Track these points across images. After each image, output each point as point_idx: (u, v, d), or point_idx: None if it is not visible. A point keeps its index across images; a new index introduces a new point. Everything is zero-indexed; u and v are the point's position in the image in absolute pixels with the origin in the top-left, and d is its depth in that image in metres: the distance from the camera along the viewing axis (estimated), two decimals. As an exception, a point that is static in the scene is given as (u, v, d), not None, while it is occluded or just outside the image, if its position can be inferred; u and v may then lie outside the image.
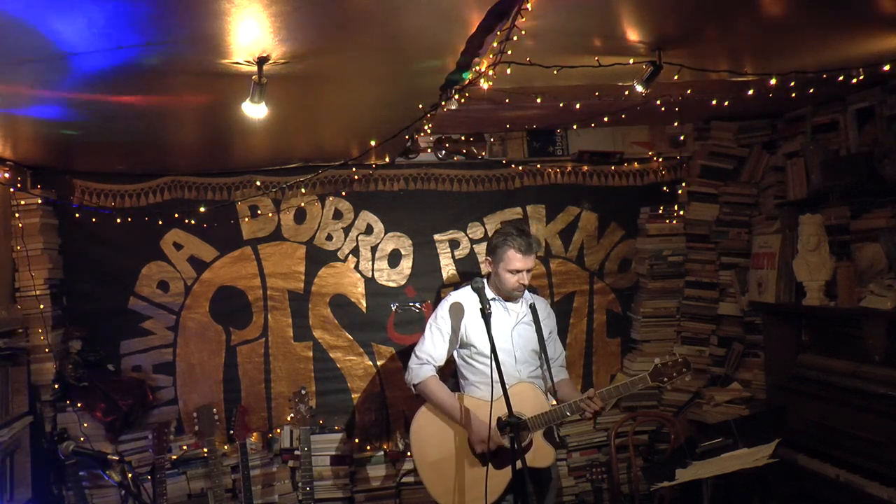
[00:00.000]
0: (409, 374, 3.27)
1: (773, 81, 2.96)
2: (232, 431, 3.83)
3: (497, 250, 3.17)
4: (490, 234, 4.27)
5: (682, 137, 4.29)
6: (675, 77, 2.83)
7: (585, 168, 4.34)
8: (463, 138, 4.21)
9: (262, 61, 2.20)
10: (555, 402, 3.14)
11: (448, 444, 3.14)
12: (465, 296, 3.24)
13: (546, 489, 3.22)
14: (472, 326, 3.19)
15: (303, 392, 3.82)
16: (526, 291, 3.28)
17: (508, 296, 3.23)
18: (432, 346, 3.25)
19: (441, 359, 3.27)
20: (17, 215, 3.62)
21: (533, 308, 3.27)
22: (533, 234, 3.22)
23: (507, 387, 2.83)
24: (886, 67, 2.88)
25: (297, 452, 3.88)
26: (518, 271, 3.13)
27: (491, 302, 3.18)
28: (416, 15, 2.04)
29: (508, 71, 2.49)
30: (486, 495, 2.94)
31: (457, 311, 3.23)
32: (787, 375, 3.79)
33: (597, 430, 4.24)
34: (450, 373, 3.37)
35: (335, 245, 4.18)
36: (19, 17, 1.78)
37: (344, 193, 4.17)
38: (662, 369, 3.07)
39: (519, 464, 2.62)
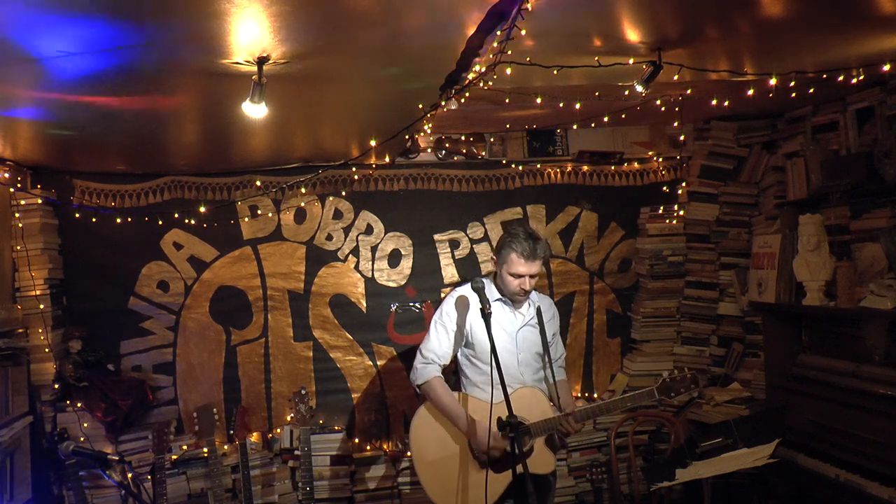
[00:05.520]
0: (414, 373, 3.22)
1: (773, 81, 2.96)
2: (232, 431, 3.83)
3: (501, 251, 3.09)
4: (490, 234, 4.27)
5: (682, 137, 4.29)
6: (675, 77, 2.84)
7: (585, 168, 4.35)
8: (463, 138, 4.21)
9: (262, 61, 2.21)
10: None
11: (448, 445, 3.12)
12: (470, 294, 3.17)
13: (546, 497, 3.20)
14: (477, 325, 3.14)
15: (303, 392, 3.82)
16: (534, 293, 3.25)
17: (512, 298, 3.20)
18: (437, 344, 3.19)
19: (446, 357, 3.21)
20: (17, 215, 3.62)
21: (539, 310, 3.24)
22: (542, 239, 3.09)
23: (511, 390, 2.80)
24: (886, 67, 2.88)
25: (297, 452, 3.88)
26: (519, 276, 3.04)
27: (498, 302, 3.16)
28: (415, 15, 2.03)
29: (508, 71, 2.50)
30: (486, 497, 2.93)
31: (462, 309, 3.17)
32: (787, 375, 3.78)
33: (597, 430, 4.24)
34: (451, 371, 3.35)
35: (335, 245, 4.18)
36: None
37: (344, 193, 4.17)
38: (671, 384, 3.02)
39: (520, 468, 2.59)
